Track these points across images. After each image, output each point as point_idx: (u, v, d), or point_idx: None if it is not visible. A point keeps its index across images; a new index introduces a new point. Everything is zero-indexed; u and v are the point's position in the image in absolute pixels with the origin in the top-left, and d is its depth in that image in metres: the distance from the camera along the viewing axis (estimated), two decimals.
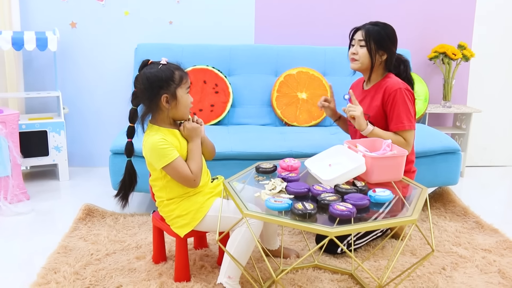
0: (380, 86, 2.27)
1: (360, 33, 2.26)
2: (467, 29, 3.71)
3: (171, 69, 1.84)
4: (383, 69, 2.31)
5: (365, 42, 2.23)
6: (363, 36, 2.24)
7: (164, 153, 1.80)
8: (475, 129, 3.79)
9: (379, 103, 2.25)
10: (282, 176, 1.82)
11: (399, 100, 2.19)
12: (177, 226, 1.92)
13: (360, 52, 2.25)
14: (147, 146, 1.84)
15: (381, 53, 2.25)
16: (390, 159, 1.81)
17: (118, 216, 2.67)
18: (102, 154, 3.63)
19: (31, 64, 3.51)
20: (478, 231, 2.56)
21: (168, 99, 1.83)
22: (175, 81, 1.83)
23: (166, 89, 1.82)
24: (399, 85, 2.21)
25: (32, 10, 3.43)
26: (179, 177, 1.83)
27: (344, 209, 1.50)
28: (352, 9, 3.61)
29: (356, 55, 2.27)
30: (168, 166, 1.81)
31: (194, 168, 1.84)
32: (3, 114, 2.87)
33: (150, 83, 1.82)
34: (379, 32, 2.24)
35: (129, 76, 3.50)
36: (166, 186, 1.90)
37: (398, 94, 2.19)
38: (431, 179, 2.82)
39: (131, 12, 3.50)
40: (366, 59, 2.25)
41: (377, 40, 2.23)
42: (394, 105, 2.20)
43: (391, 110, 2.21)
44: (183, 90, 1.86)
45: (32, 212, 2.80)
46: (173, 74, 1.83)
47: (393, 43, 2.27)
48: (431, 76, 3.75)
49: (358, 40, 2.26)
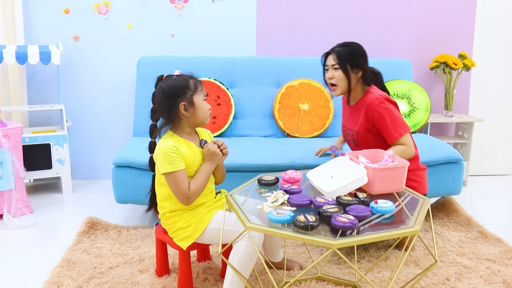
0: (362, 102, 2.34)
1: (331, 57, 2.32)
2: (467, 38, 3.73)
3: (186, 78, 1.90)
4: (361, 85, 2.36)
5: (339, 64, 2.29)
6: (336, 60, 2.30)
7: (171, 161, 1.82)
8: (477, 138, 3.80)
9: (363, 120, 2.31)
10: (284, 188, 1.82)
11: (383, 113, 2.24)
12: (179, 238, 1.92)
13: (336, 75, 2.31)
14: (158, 148, 1.86)
15: (356, 71, 2.31)
16: (392, 170, 1.81)
17: (121, 229, 2.67)
18: (105, 167, 3.65)
19: (34, 77, 3.54)
20: (482, 241, 2.55)
21: (186, 106, 1.87)
22: (190, 88, 1.88)
23: (183, 97, 1.87)
24: (379, 98, 2.26)
25: (36, 24, 3.47)
26: (176, 189, 1.84)
27: (346, 221, 1.50)
28: (353, 20, 3.63)
29: (333, 79, 2.32)
30: (170, 174, 1.82)
31: (193, 187, 1.86)
32: (6, 128, 2.89)
33: (167, 94, 1.87)
34: (350, 52, 2.31)
35: (131, 89, 3.52)
36: (171, 196, 1.90)
37: (379, 109, 2.24)
38: (434, 189, 2.80)
39: (134, 25, 3.53)
40: (344, 81, 2.31)
41: (349, 60, 2.30)
42: (381, 120, 2.25)
43: (380, 126, 2.27)
44: (200, 97, 1.90)
45: (35, 225, 2.81)
46: (188, 82, 1.89)
47: (365, 58, 2.35)
48: (432, 85, 3.76)
49: (331, 65, 2.32)
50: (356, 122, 2.36)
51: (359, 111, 2.34)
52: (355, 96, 2.39)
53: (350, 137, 2.44)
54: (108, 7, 3.50)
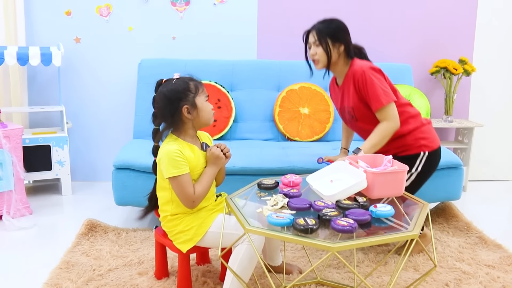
0: (349, 76, 2.32)
1: (312, 35, 2.32)
2: (468, 43, 3.74)
3: (186, 80, 1.89)
4: (345, 58, 2.34)
5: (320, 40, 2.28)
6: (316, 36, 2.29)
7: (176, 165, 1.81)
8: (477, 143, 3.80)
9: (354, 93, 2.29)
10: (284, 192, 1.82)
11: (366, 82, 2.22)
12: (180, 241, 1.92)
13: (319, 51, 2.30)
14: (162, 152, 1.85)
15: (337, 45, 2.30)
16: (391, 175, 1.81)
17: (120, 231, 2.67)
18: (105, 169, 3.65)
19: (35, 78, 3.55)
20: (482, 247, 2.55)
21: (189, 109, 1.86)
22: (191, 90, 1.87)
23: (185, 100, 1.86)
24: (362, 67, 2.24)
25: (37, 25, 3.48)
26: (181, 192, 1.83)
27: (346, 224, 1.50)
28: (354, 24, 3.60)
29: (316, 55, 2.31)
30: (175, 178, 1.82)
31: (198, 190, 1.86)
32: (7, 129, 2.89)
33: (168, 98, 1.86)
34: (329, 26, 2.30)
35: (132, 91, 3.52)
36: (173, 199, 1.90)
37: (362, 78, 2.23)
38: (433, 194, 2.81)
39: (135, 28, 3.54)
40: (326, 56, 2.30)
41: (330, 35, 2.28)
42: (365, 89, 2.23)
43: (366, 94, 2.24)
44: (202, 98, 1.89)
45: (34, 226, 2.80)
46: (188, 85, 1.88)
47: (346, 32, 2.34)
48: (432, 90, 3.77)
49: (313, 42, 2.31)
50: (349, 98, 2.33)
51: (348, 86, 2.32)
52: (340, 72, 2.37)
53: (348, 115, 2.40)
54: (110, 9, 3.51)
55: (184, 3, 3.53)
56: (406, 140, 2.33)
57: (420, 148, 2.33)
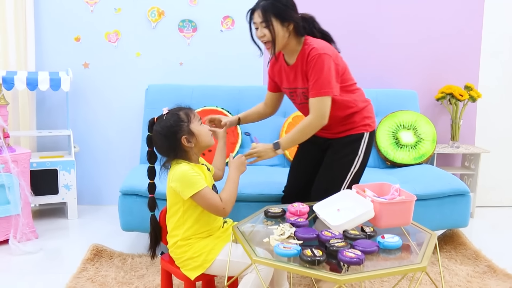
0: (303, 55, 2.19)
1: (257, 14, 2.13)
2: (473, 69, 3.76)
3: (175, 112, 1.93)
4: (295, 37, 2.20)
5: (266, 22, 2.11)
6: (262, 17, 2.11)
7: (194, 182, 1.83)
8: (484, 169, 3.78)
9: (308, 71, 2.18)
10: (291, 221, 1.82)
11: (318, 65, 2.11)
12: (188, 268, 1.91)
13: (267, 33, 2.13)
14: (176, 175, 1.86)
15: (286, 25, 2.14)
16: (399, 205, 1.81)
17: (126, 257, 2.66)
18: (111, 193, 3.65)
19: (43, 103, 3.59)
20: (491, 276, 2.52)
21: (187, 138, 1.90)
22: (184, 120, 1.91)
23: (180, 131, 1.89)
24: (319, 51, 2.13)
25: (47, 50, 3.54)
26: (209, 205, 1.85)
27: (353, 256, 1.49)
28: (359, 51, 3.67)
29: (265, 37, 2.14)
30: (197, 194, 1.83)
31: (224, 197, 1.88)
32: (15, 153, 2.91)
33: (164, 135, 1.89)
34: (275, 5, 2.11)
35: (139, 116, 3.55)
36: (184, 223, 1.90)
37: (317, 60, 2.11)
38: (440, 222, 2.80)
39: (143, 54, 3.59)
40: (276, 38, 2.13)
41: (277, 14, 2.11)
42: (313, 72, 2.12)
43: (310, 76, 2.14)
44: (195, 124, 1.92)
45: (40, 251, 2.80)
46: (179, 116, 1.91)
47: (293, 9, 2.16)
48: (438, 116, 3.78)
49: (260, 22, 2.13)
50: (303, 78, 2.21)
51: (303, 66, 2.19)
52: (292, 52, 2.23)
53: (302, 96, 2.27)
54: (118, 35, 3.56)
55: (192, 29, 3.59)
56: (355, 118, 2.32)
57: (364, 127, 2.33)
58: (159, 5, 3.54)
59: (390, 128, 3.31)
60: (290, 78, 2.30)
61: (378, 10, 3.65)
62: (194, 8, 3.57)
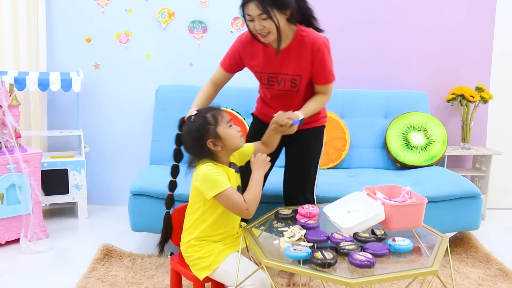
0: (299, 42, 2.15)
1: (253, 6, 1.98)
2: (484, 71, 3.73)
3: (203, 115, 1.89)
4: (289, 23, 2.12)
5: (266, 13, 1.98)
6: (261, 8, 1.97)
7: (217, 181, 1.81)
8: (496, 171, 3.74)
9: (308, 61, 2.16)
10: (301, 223, 1.81)
11: (326, 55, 2.15)
12: (198, 268, 1.91)
13: (267, 24, 2.01)
14: (200, 174, 1.85)
15: (284, 12, 2.04)
16: (410, 207, 1.80)
17: (135, 257, 2.67)
18: (121, 193, 3.67)
19: (54, 103, 3.61)
20: (503, 279, 2.49)
21: (214, 142, 1.86)
22: (211, 123, 1.86)
23: (207, 134, 1.86)
24: (321, 39, 2.14)
25: (58, 51, 3.56)
26: (232, 205, 1.82)
27: (364, 259, 1.48)
28: (369, 52, 3.66)
29: (265, 29, 2.03)
30: (221, 194, 1.81)
31: (248, 198, 1.84)
32: (26, 153, 2.93)
33: (192, 138, 1.88)
34: None
35: (149, 117, 3.56)
36: (201, 223, 1.89)
37: (324, 49, 2.14)
38: (451, 224, 2.78)
39: (153, 54, 3.60)
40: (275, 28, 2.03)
41: (276, 3, 2.00)
42: (324, 61, 2.15)
43: (319, 66, 2.16)
44: (223, 126, 1.87)
45: (50, 250, 2.82)
46: (206, 118, 1.87)
47: None
48: (449, 118, 3.75)
49: (258, 14, 1.99)
50: (298, 65, 2.17)
51: (298, 52, 2.16)
52: (285, 37, 2.14)
53: (289, 83, 2.23)
54: (129, 36, 3.58)
55: (202, 30, 3.59)
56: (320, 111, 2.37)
57: (324, 119, 2.43)
58: (170, 6, 3.55)
59: (400, 129, 3.29)
60: (274, 63, 2.22)
61: (388, 13, 3.63)
62: (204, 9, 3.57)
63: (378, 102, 3.44)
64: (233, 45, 2.34)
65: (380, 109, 3.44)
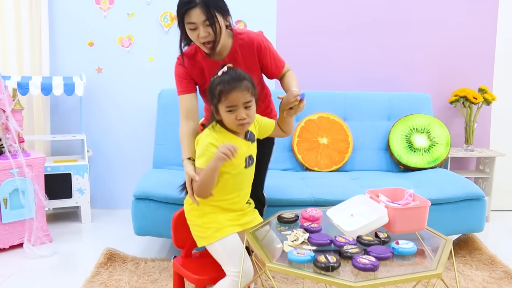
0: (242, 45, 2.06)
1: (198, 12, 1.86)
2: (487, 72, 3.72)
3: (217, 82, 1.78)
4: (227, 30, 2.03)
5: (211, 19, 1.87)
6: (205, 14, 1.86)
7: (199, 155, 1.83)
8: (499, 173, 3.73)
9: (255, 60, 2.10)
10: (304, 227, 1.81)
11: (269, 47, 2.11)
12: (195, 234, 1.93)
13: (211, 31, 1.90)
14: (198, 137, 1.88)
15: (225, 18, 1.97)
16: (413, 210, 1.79)
17: (139, 261, 2.67)
18: (124, 197, 3.67)
19: (57, 107, 3.62)
20: (508, 281, 2.48)
21: (216, 112, 1.83)
22: (215, 96, 1.79)
23: (211, 101, 1.83)
24: (256, 35, 2.09)
25: (61, 55, 3.57)
26: None
27: (367, 263, 1.48)
28: (372, 54, 3.66)
29: (209, 36, 1.91)
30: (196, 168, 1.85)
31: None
32: (30, 158, 2.94)
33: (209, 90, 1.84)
34: None
35: (152, 121, 3.57)
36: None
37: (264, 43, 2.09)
38: (455, 226, 2.76)
39: (155, 58, 3.61)
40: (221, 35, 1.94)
41: (219, 8, 1.91)
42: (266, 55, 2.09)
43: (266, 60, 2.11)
44: (222, 107, 1.79)
45: (54, 255, 2.83)
46: (215, 90, 1.78)
47: None
48: (452, 119, 3.74)
49: (202, 21, 1.87)
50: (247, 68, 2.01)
51: (243, 56, 2.08)
52: (224, 46, 2.04)
53: None
54: (131, 40, 3.58)
55: None
56: (271, 106, 2.37)
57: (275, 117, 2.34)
58: (172, 10, 3.55)
59: (403, 131, 3.28)
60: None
61: (391, 14, 3.63)
62: None
63: (380, 105, 3.44)
64: (176, 71, 2.16)
65: (383, 112, 3.43)
